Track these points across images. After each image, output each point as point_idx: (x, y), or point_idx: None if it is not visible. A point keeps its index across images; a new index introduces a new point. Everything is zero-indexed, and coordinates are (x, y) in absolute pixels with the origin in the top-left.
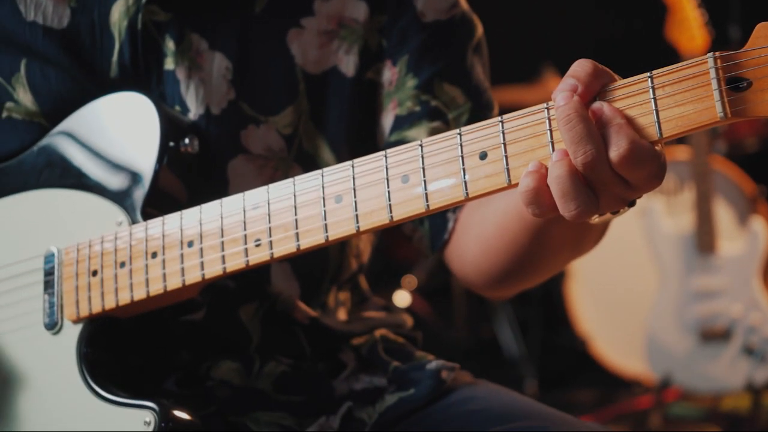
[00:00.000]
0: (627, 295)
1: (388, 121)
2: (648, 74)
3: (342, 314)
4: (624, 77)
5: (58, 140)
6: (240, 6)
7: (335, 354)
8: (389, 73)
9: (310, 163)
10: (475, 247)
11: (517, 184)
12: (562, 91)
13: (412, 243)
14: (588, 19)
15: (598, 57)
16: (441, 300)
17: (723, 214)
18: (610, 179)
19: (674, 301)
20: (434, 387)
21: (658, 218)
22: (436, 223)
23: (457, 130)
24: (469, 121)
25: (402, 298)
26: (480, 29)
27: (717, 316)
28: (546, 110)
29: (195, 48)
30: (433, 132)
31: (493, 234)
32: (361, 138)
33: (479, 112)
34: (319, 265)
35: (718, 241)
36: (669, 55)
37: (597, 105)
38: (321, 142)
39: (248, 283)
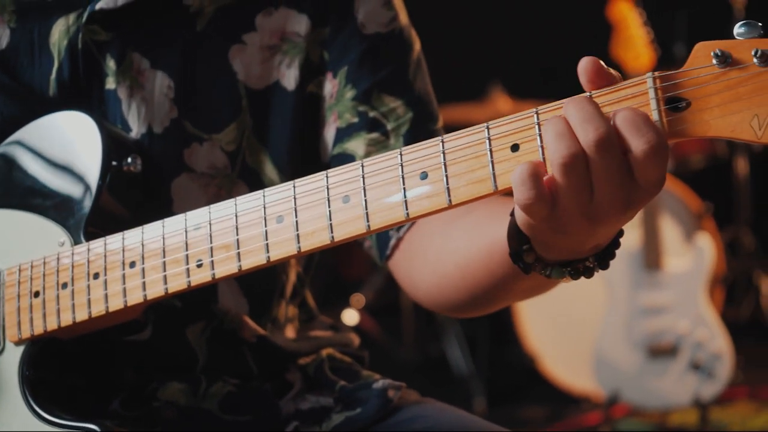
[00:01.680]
0: (575, 312)
1: (330, 134)
2: (588, 94)
3: (290, 330)
4: (569, 97)
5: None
6: (181, 24)
7: (282, 373)
8: (330, 86)
9: (254, 179)
10: (430, 278)
11: (457, 205)
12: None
13: (363, 250)
14: (534, 38)
15: (546, 76)
16: (389, 318)
17: (669, 230)
18: (623, 171)
19: (622, 318)
20: (381, 406)
21: None
22: (381, 238)
23: (398, 150)
24: (410, 132)
25: (350, 316)
26: (419, 44)
27: (664, 333)
28: (486, 130)
29: (136, 67)
30: (371, 143)
31: (454, 273)
32: (304, 152)
33: (421, 123)
34: (267, 281)
35: (665, 257)
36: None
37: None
38: (264, 157)
39: (195, 302)
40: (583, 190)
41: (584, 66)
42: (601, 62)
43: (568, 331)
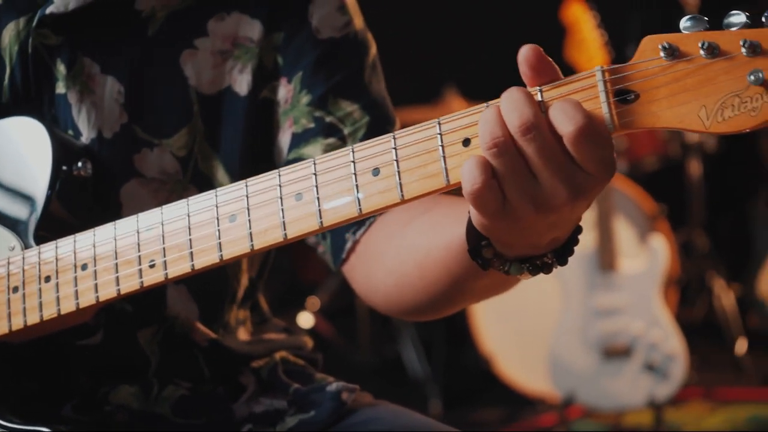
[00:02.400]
0: (530, 314)
1: (285, 139)
2: (538, 89)
3: (243, 334)
4: None
5: None
6: (133, 29)
7: (235, 377)
8: (284, 91)
9: (206, 184)
10: (388, 279)
11: (410, 200)
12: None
13: (317, 255)
14: (489, 40)
15: (500, 77)
16: (345, 321)
17: (624, 232)
18: (559, 155)
19: (577, 319)
20: (335, 409)
21: None
22: (336, 242)
23: (350, 147)
24: (367, 136)
25: (306, 319)
26: (375, 48)
27: (619, 334)
28: (438, 125)
29: (87, 72)
30: (328, 149)
31: (412, 272)
32: (256, 158)
33: (378, 126)
34: (217, 286)
35: (619, 259)
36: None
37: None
38: (216, 163)
39: (146, 307)
40: (521, 174)
41: (525, 54)
42: (541, 49)
43: (523, 333)
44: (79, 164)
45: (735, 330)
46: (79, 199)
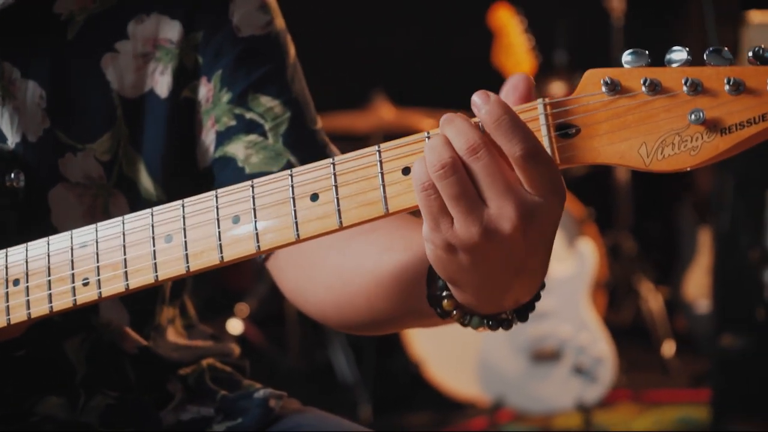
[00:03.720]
0: None
1: (210, 138)
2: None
3: (172, 333)
4: (452, 105)
5: None
6: (52, 33)
7: (162, 385)
8: (205, 90)
9: (131, 188)
10: (327, 295)
11: (348, 227)
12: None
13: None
14: (416, 45)
15: (427, 83)
16: (274, 327)
17: None
18: (507, 173)
19: None
20: (262, 415)
21: None
22: None
23: (289, 171)
24: (289, 131)
25: (235, 326)
26: (294, 50)
27: (547, 337)
28: (378, 153)
29: (7, 76)
30: (249, 145)
31: (357, 295)
32: (179, 160)
33: (301, 122)
34: (148, 292)
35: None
36: (496, 81)
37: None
38: (141, 166)
39: (74, 316)
40: (469, 196)
41: (516, 83)
42: (533, 82)
43: (452, 338)
44: (12, 175)
45: (662, 332)
46: (11, 209)
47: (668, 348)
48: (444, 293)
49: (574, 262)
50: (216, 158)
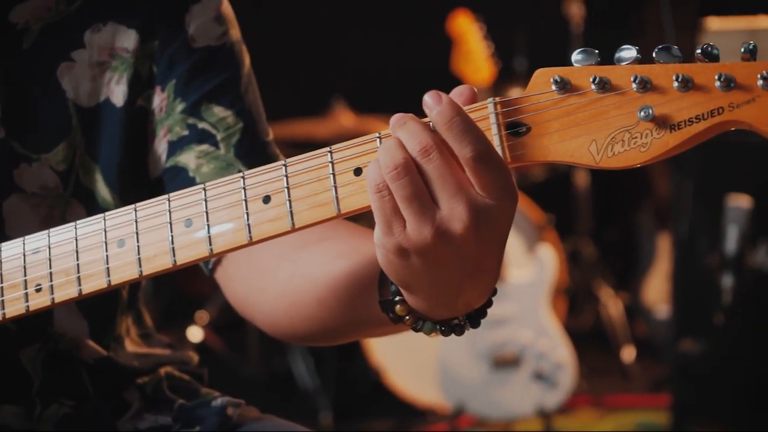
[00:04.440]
0: None
1: (162, 148)
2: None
3: (129, 344)
4: (412, 112)
5: None
6: (8, 43)
7: (119, 393)
8: (159, 99)
9: (88, 198)
10: (278, 304)
11: (300, 228)
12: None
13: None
14: (376, 52)
15: (387, 90)
16: (234, 334)
17: (512, 242)
18: (459, 174)
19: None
20: (220, 424)
21: None
22: None
23: (241, 174)
24: (241, 142)
25: (194, 333)
26: (249, 61)
27: (507, 343)
28: (329, 154)
29: None
30: (201, 155)
31: (309, 304)
32: (133, 169)
33: (253, 133)
34: (107, 299)
35: (507, 269)
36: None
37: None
38: (97, 176)
39: (30, 326)
40: (421, 197)
41: (464, 94)
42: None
43: (412, 344)
44: None
45: (622, 338)
46: None
47: (628, 353)
48: (396, 298)
49: (534, 268)
50: (167, 168)
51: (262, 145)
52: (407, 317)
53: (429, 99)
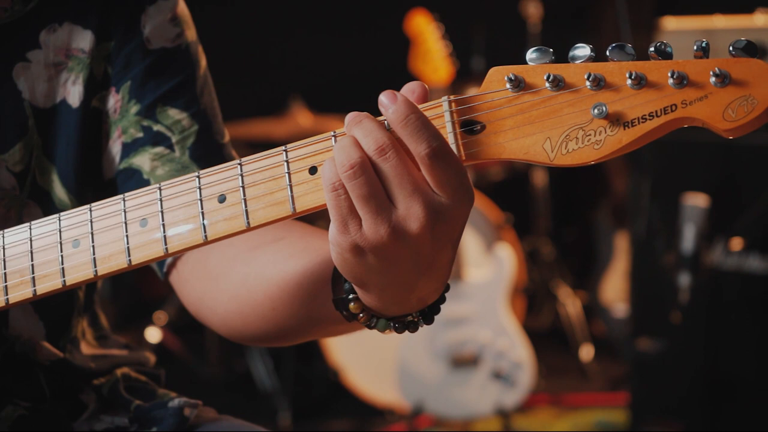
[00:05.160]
0: None
1: (116, 149)
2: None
3: (85, 347)
4: (371, 112)
5: None
6: None
7: (76, 395)
8: (113, 101)
9: (45, 199)
10: (230, 305)
11: (256, 227)
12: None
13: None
14: (334, 52)
15: (344, 90)
16: (193, 335)
17: (470, 241)
18: (414, 173)
19: (424, 329)
20: (177, 425)
21: None
22: None
23: (196, 173)
24: (196, 144)
25: (153, 334)
26: (205, 62)
27: (466, 343)
28: (284, 152)
29: None
30: (156, 157)
31: (263, 303)
32: (90, 170)
33: (208, 135)
34: (64, 301)
35: (466, 268)
36: None
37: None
38: (54, 177)
39: None
40: (377, 195)
41: (415, 91)
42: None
43: (371, 344)
44: None
45: (581, 337)
46: None
47: (586, 352)
48: (350, 296)
49: (492, 268)
50: (121, 169)
51: (218, 148)
52: (361, 315)
53: (384, 98)
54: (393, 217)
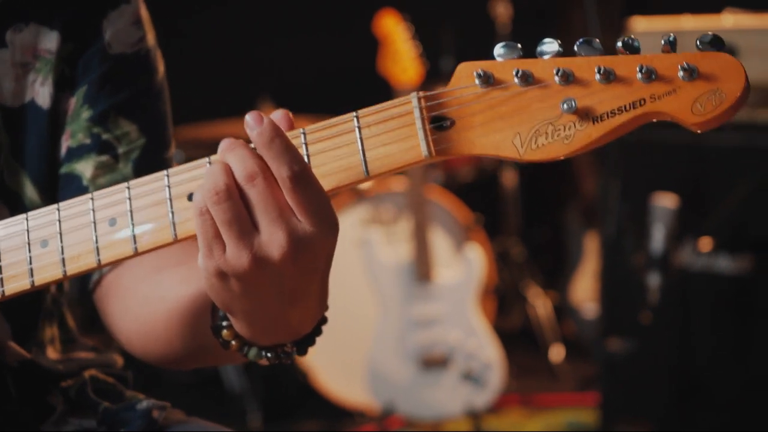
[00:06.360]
0: (348, 325)
1: (61, 152)
2: (354, 114)
3: (52, 351)
4: (339, 112)
5: None
6: None
7: (43, 397)
8: (68, 104)
9: (14, 200)
10: (131, 324)
11: (142, 253)
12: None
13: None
14: (302, 52)
15: (313, 90)
16: None
17: (440, 242)
18: (279, 200)
19: (394, 330)
20: (145, 427)
21: (376, 248)
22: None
23: (89, 195)
24: (140, 158)
25: None
26: (163, 67)
27: (436, 344)
28: (167, 177)
29: None
30: (99, 166)
31: (157, 325)
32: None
33: (153, 150)
34: (31, 302)
35: (436, 269)
36: (382, 88)
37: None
38: (24, 178)
39: None
40: (241, 221)
41: (283, 120)
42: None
43: (340, 345)
44: None
45: (551, 337)
46: None
47: (557, 352)
48: (224, 323)
49: (462, 268)
50: (62, 174)
51: (161, 163)
52: (233, 342)
53: (250, 119)
54: (255, 242)
